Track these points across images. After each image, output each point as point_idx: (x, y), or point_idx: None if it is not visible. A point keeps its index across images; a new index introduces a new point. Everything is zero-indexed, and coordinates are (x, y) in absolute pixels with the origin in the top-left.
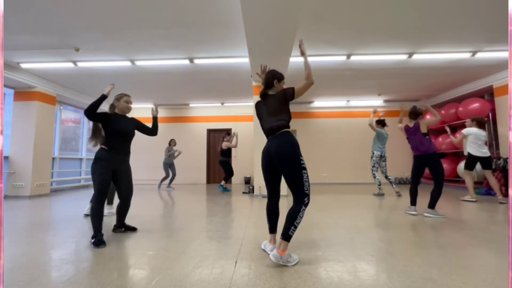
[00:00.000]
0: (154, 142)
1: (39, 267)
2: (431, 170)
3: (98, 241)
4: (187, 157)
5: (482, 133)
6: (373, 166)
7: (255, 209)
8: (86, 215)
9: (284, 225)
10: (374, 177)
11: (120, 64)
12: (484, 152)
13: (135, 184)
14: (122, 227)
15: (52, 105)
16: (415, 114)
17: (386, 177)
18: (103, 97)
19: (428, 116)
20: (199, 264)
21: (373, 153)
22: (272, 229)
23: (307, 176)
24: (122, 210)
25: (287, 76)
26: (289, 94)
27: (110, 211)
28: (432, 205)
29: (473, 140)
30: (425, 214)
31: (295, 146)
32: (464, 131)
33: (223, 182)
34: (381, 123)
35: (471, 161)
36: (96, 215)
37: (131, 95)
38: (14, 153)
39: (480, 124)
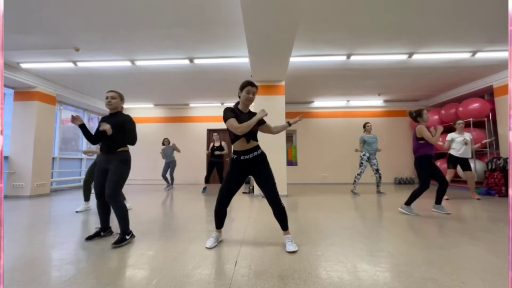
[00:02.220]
0: (154, 142)
1: (39, 267)
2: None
3: (89, 235)
4: (187, 157)
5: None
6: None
7: (255, 209)
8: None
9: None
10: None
11: (120, 64)
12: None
13: (134, 185)
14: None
15: (52, 105)
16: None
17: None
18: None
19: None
20: (199, 264)
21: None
22: None
23: None
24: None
25: (288, 76)
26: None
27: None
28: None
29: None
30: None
31: None
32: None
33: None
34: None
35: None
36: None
37: (118, 91)
38: (14, 153)
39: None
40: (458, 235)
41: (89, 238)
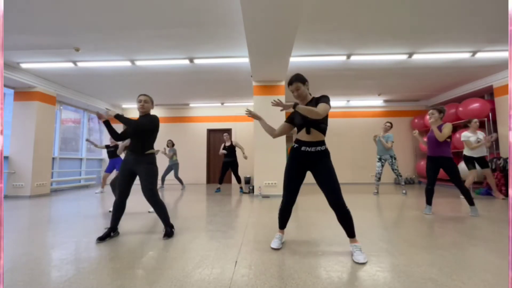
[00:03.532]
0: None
1: (39, 267)
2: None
3: (100, 236)
4: (187, 157)
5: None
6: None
7: (255, 209)
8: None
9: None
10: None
11: (120, 64)
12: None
13: (134, 185)
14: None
15: (52, 105)
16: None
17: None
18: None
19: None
20: (199, 264)
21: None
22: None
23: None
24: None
25: (288, 76)
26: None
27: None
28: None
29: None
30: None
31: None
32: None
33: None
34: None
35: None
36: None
37: (147, 94)
38: (14, 153)
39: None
40: (458, 235)
41: (101, 239)
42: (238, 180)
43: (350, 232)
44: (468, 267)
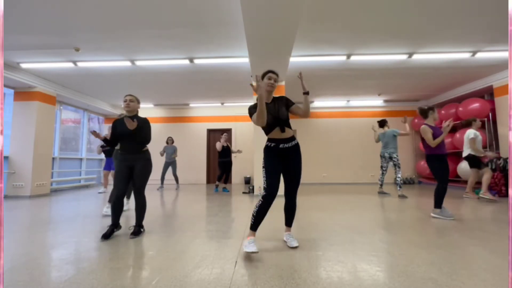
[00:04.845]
0: (154, 142)
1: (39, 267)
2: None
3: (104, 234)
4: (187, 157)
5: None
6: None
7: None
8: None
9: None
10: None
11: (120, 64)
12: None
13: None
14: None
15: (52, 105)
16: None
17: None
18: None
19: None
20: (199, 264)
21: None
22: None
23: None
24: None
25: (287, 76)
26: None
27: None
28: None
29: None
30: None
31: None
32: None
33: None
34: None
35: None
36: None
37: (132, 94)
38: (14, 153)
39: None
40: (458, 235)
41: (106, 236)
42: (226, 179)
43: (290, 222)
44: (468, 267)
